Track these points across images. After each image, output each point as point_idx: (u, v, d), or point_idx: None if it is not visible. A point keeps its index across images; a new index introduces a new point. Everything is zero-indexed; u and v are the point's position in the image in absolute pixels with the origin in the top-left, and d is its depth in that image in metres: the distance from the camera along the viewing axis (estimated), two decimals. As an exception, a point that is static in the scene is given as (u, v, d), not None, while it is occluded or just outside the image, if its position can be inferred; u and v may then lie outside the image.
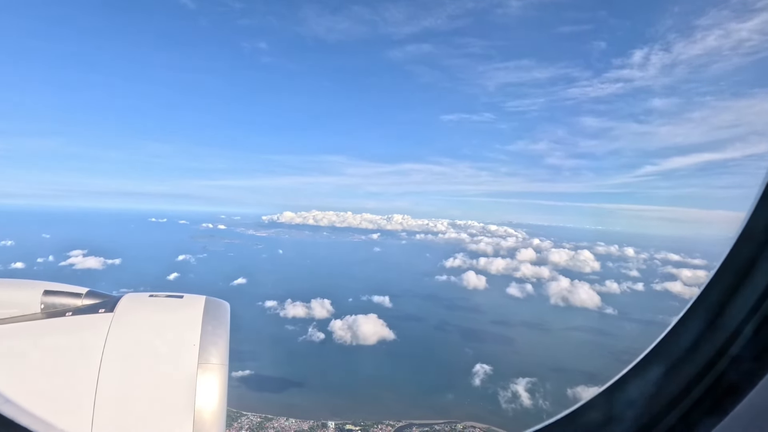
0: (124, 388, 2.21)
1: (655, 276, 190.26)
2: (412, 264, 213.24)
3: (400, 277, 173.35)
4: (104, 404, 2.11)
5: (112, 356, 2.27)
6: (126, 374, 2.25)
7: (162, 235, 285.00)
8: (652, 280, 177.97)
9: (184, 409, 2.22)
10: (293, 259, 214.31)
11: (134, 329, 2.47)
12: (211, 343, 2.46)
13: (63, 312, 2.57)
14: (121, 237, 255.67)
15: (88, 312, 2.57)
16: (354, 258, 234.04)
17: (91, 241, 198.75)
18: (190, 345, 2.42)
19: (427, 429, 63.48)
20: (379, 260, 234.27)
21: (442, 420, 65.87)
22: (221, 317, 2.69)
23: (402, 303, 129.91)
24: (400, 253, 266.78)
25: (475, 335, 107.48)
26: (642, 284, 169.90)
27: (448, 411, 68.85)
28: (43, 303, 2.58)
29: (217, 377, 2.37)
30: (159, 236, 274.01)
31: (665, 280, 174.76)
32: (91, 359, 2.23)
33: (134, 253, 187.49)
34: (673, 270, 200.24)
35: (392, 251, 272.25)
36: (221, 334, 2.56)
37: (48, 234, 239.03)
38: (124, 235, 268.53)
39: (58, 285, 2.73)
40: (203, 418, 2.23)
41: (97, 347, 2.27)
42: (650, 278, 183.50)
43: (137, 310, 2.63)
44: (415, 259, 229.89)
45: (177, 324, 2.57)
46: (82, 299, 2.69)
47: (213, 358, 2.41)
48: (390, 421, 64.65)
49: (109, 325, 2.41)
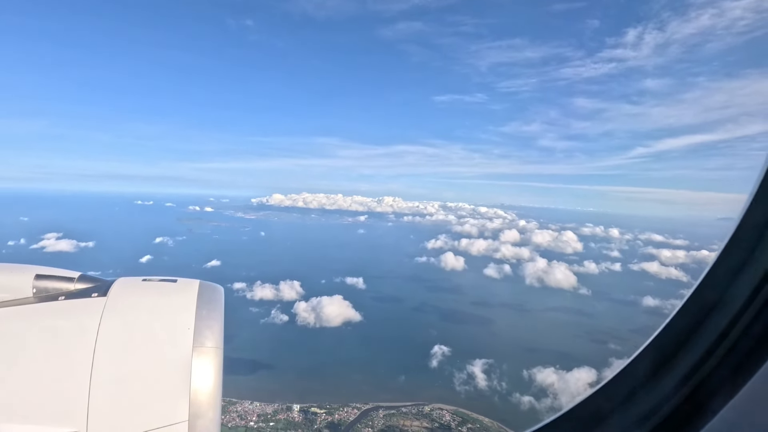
0: (119, 372, 2.17)
1: (635, 256, 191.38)
2: (395, 246, 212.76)
3: (380, 259, 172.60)
4: (99, 388, 2.09)
5: (107, 340, 2.21)
6: (121, 358, 2.20)
7: (145, 217, 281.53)
8: (630, 261, 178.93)
9: (180, 392, 2.20)
10: (274, 242, 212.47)
11: (128, 313, 2.39)
12: (205, 327, 2.40)
13: (55, 296, 2.47)
14: (101, 220, 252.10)
15: (81, 296, 2.48)
16: (336, 240, 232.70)
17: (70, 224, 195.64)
18: (184, 329, 2.36)
19: (393, 411, 63.07)
20: (361, 242, 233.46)
21: (409, 402, 65.59)
22: (215, 301, 2.62)
23: (377, 284, 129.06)
24: (385, 235, 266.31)
25: (445, 316, 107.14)
26: (620, 264, 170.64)
27: (415, 393, 68.48)
28: (34, 287, 2.48)
29: (212, 360, 2.32)
30: (142, 219, 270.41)
31: (643, 261, 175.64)
32: (85, 343, 2.18)
33: (111, 236, 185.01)
34: (654, 250, 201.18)
35: (377, 233, 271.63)
36: (216, 317, 2.50)
37: (26, 217, 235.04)
38: (105, 218, 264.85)
39: (50, 269, 2.61)
40: (199, 401, 2.20)
41: (91, 331, 2.22)
42: (629, 259, 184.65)
43: (131, 294, 2.54)
44: (399, 241, 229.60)
45: (171, 308, 2.49)
46: (75, 283, 2.58)
47: (208, 342, 2.36)
48: (357, 404, 64.15)
49: (103, 310, 2.34)
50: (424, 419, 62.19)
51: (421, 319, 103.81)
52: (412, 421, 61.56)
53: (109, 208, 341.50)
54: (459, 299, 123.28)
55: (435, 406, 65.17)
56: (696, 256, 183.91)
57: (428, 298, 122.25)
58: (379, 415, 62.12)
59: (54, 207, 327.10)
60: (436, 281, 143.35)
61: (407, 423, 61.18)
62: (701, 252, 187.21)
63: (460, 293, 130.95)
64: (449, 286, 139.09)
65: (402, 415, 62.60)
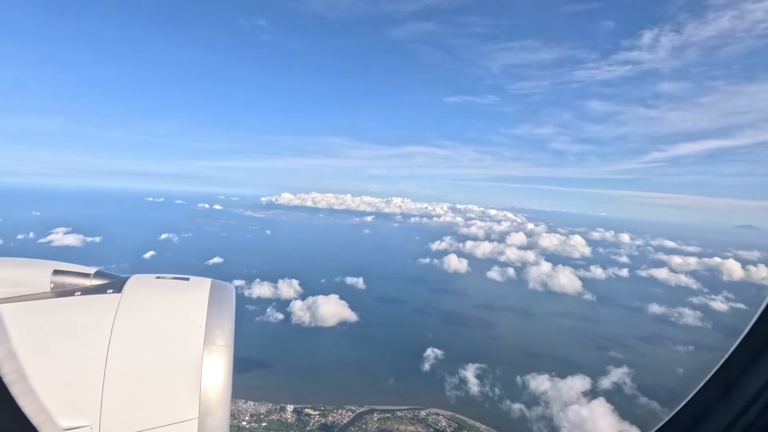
0: (132, 367, 2.26)
1: (644, 262, 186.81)
2: (399, 246, 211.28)
3: (382, 260, 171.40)
4: (112, 383, 2.17)
5: (121, 336, 2.31)
6: (134, 354, 2.30)
7: (155, 214, 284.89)
8: (638, 267, 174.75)
9: (191, 389, 2.28)
10: (279, 240, 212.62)
11: (142, 310, 2.53)
12: (216, 326, 2.51)
13: (72, 291, 2.62)
14: (111, 216, 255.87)
15: (97, 292, 2.62)
16: (341, 240, 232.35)
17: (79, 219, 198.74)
18: (196, 327, 2.47)
19: (388, 415, 62.01)
20: (365, 242, 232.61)
21: (405, 406, 64.40)
22: (227, 300, 2.73)
23: (377, 285, 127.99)
24: (390, 235, 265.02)
25: (444, 318, 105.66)
26: (627, 270, 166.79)
27: (411, 396, 67.26)
28: (52, 282, 2.62)
29: (223, 359, 2.42)
30: (151, 216, 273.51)
31: (652, 267, 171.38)
32: (100, 339, 2.28)
33: (118, 232, 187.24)
34: (664, 257, 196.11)
35: (382, 234, 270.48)
36: (227, 316, 2.61)
37: (39, 212, 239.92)
38: (115, 215, 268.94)
39: (68, 265, 2.76)
40: (209, 398, 2.28)
41: (106, 327, 2.33)
42: (638, 264, 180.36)
43: (144, 291, 2.68)
44: (403, 242, 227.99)
45: (183, 306, 2.62)
46: (91, 279, 2.73)
47: (218, 340, 2.46)
48: (351, 406, 63.28)
49: (117, 306, 2.46)
50: (419, 424, 60.87)
51: (419, 321, 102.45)
52: (406, 426, 60.38)
53: (120, 205, 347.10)
54: (459, 302, 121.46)
55: (432, 410, 63.84)
56: (708, 263, 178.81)
57: (428, 299, 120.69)
58: (374, 419, 61.07)
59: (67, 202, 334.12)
60: (438, 283, 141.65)
61: (402, 427, 59.99)
62: (714, 259, 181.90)
63: (460, 295, 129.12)
64: (451, 288, 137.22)
65: (397, 419, 61.43)
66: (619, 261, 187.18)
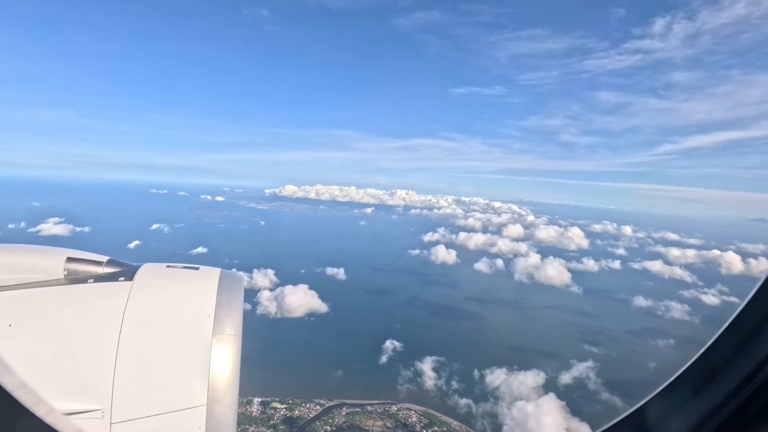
0: (143, 354, 2.32)
1: (640, 255, 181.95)
2: (391, 238, 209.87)
3: (371, 251, 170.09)
4: (124, 369, 2.23)
5: (132, 323, 2.38)
6: (144, 341, 2.35)
7: (155, 205, 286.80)
8: (633, 259, 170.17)
9: (199, 376, 2.34)
10: (271, 231, 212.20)
11: (152, 298, 2.58)
12: (225, 315, 2.55)
13: (85, 279, 2.67)
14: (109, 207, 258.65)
15: (109, 280, 2.67)
16: (334, 231, 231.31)
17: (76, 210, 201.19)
18: (205, 315, 2.52)
19: (358, 410, 60.74)
20: (358, 234, 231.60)
21: (377, 401, 63.13)
22: (235, 289, 2.77)
23: (359, 275, 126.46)
24: (385, 227, 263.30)
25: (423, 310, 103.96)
26: (620, 262, 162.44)
27: (383, 391, 66.05)
28: (66, 269, 2.67)
29: (231, 347, 2.47)
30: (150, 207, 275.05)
31: (647, 259, 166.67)
32: (111, 325, 2.35)
33: (111, 222, 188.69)
34: (661, 249, 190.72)
35: (378, 225, 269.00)
36: (235, 305, 2.65)
37: (38, 202, 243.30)
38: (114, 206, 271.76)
39: (81, 253, 2.80)
40: (217, 386, 2.34)
41: (118, 314, 2.39)
42: (633, 257, 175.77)
43: (155, 279, 2.73)
44: (397, 233, 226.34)
45: (193, 295, 2.67)
46: (103, 267, 2.76)
47: (227, 329, 2.51)
48: (321, 400, 61.99)
49: (129, 293, 2.52)
50: (388, 419, 59.31)
51: (392, 311, 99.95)
52: (375, 421, 58.87)
53: (123, 196, 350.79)
54: (440, 293, 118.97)
55: (403, 405, 62.37)
56: (706, 256, 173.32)
57: (409, 291, 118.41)
58: (342, 413, 59.72)
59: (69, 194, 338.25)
60: (423, 274, 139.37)
61: (370, 422, 58.50)
62: (713, 252, 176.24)
63: (443, 287, 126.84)
64: (435, 279, 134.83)
65: (366, 414, 60.07)
66: (615, 253, 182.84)
